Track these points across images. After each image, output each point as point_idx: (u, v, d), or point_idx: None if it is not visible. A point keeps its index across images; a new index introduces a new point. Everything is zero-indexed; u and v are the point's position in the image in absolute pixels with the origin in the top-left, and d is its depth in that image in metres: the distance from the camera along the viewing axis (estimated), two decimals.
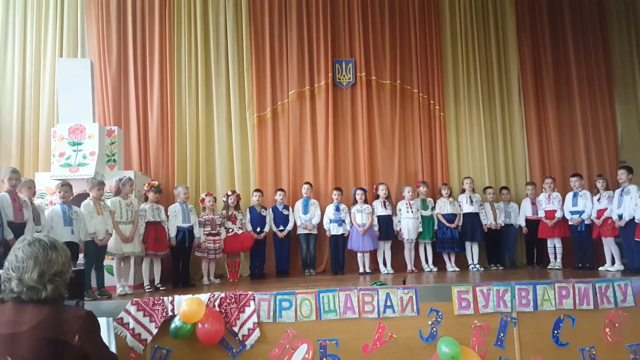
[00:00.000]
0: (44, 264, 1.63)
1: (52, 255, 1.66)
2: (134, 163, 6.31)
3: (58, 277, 1.66)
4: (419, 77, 6.83)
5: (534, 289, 4.04)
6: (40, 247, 1.66)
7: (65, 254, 1.73)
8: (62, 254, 1.71)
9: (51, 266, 1.65)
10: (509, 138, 6.96)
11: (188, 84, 6.53)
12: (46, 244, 1.68)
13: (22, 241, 1.69)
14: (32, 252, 1.64)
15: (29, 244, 1.67)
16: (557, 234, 5.89)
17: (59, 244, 1.73)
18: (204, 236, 5.40)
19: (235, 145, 6.54)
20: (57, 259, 1.68)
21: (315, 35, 6.78)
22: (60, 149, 5.34)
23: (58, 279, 1.66)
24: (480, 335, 3.93)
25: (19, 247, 1.67)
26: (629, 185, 5.18)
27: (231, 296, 3.90)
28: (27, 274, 1.61)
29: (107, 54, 6.43)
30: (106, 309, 3.80)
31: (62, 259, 1.70)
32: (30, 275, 1.61)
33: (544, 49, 7.12)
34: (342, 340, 3.86)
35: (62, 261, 1.70)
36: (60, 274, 1.68)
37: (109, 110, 6.35)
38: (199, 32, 6.59)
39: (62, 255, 1.71)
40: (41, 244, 1.67)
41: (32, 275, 1.61)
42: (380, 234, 5.91)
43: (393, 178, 6.62)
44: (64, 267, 1.70)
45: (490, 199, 6.34)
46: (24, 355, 1.52)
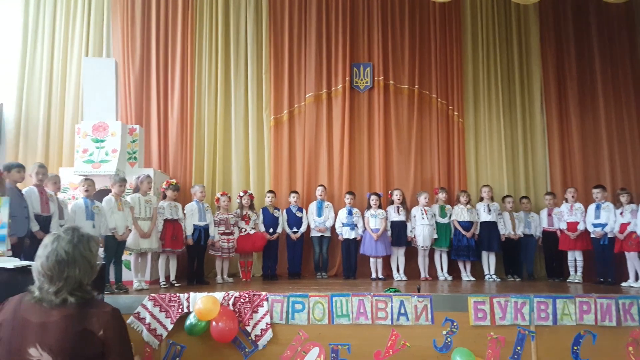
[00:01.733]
0: (60, 281, 1.62)
1: (69, 272, 1.62)
2: (154, 161, 6.42)
3: (77, 291, 1.64)
4: (438, 82, 6.77)
5: (554, 303, 3.93)
6: (56, 264, 1.62)
7: (85, 264, 1.67)
8: (82, 265, 1.65)
9: (68, 283, 1.62)
10: (529, 147, 6.83)
11: (208, 85, 6.63)
12: (63, 259, 1.62)
13: (45, 248, 1.66)
14: (48, 268, 1.62)
15: (47, 257, 1.63)
16: (579, 246, 5.75)
17: (80, 252, 1.66)
18: (218, 235, 5.44)
19: (251, 146, 6.59)
20: (74, 273, 1.63)
21: (334, 38, 6.80)
22: (83, 145, 5.47)
23: (77, 292, 1.64)
24: (497, 347, 3.84)
25: (40, 255, 1.65)
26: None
27: (245, 296, 3.91)
28: (45, 288, 1.63)
29: (131, 54, 6.57)
30: (124, 304, 3.82)
31: (81, 272, 1.65)
32: (47, 289, 1.62)
33: (568, 56, 6.97)
34: (354, 345, 3.82)
35: (82, 274, 1.65)
36: (80, 286, 1.65)
37: (131, 109, 6.48)
38: (219, 34, 6.69)
39: (81, 267, 1.65)
40: (57, 259, 1.62)
41: (49, 290, 1.62)
42: (392, 240, 5.87)
43: (408, 184, 6.57)
44: (84, 278, 1.67)
45: (509, 208, 6.22)
46: (52, 345, 1.55)
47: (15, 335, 1.58)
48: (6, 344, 1.58)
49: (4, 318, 1.62)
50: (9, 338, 1.58)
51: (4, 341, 1.58)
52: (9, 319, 1.61)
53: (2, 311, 1.65)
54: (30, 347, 1.55)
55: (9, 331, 1.59)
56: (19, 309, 1.62)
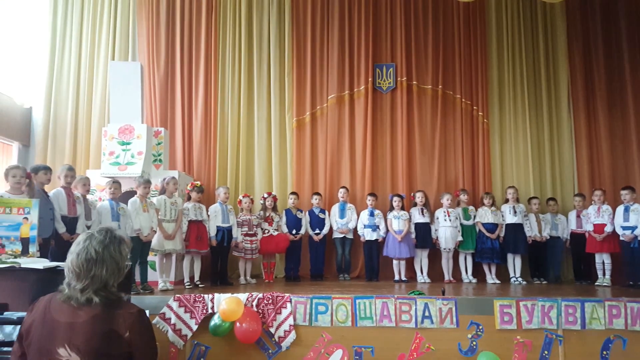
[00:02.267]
0: (86, 279, 1.65)
1: (95, 270, 1.65)
2: (178, 163, 6.51)
3: (102, 291, 1.66)
4: (462, 82, 6.69)
5: (582, 307, 3.84)
6: (84, 261, 1.65)
7: (113, 265, 1.70)
8: (109, 265, 1.68)
9: (94, 282, 1.65)
10: (556, 147, 6.69)
11: (231, 87, 6.70)
12: (92, 257, 1.66)
13: (77, 245, 1.70)
14: (77, 265, 1.66)
15: (78, 254, 1.67)
16: (607, 249, 5.60)
17: (110, 253, 1.69)
18: (241, 236, 5.48)
19: (274, 148, 6.63)
20: (101, 273, 1.66)
21: (357, 39, 6.78)
22: (110, 148, 5.59)
23: (102, 293, 1.66)
24: (523, 351, 3.78)
25: (72, 252, 1.69)
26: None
27: (269, 297, 3.93)
28: (72, 283, 1.66)
29: (156, 58, 6.69)
30: (149, 304, 3.88)
31: (108, 272, 1.68)
32: (74, 286, 1.66)
33: (596, 54, 6.79)
34: (378, 348, 3.81)
35: (108, 274, 1.68)
36: (104, 287, 1.68)
37: (156, 112, 6.59)
38: (242, 37, 6.75)
39: (109, 267, 1.68)
40: (87, 257, 1.66)
41: (76, 287, 1.65)
42: (417, 242, 5.83)
43: (432, 185, 6.50)
44: (111, 278, 1.69)
45: (536, 209, 6.10)
46: (80, 345, 1.58)
47: (45, 336, 1.61)
48: (36, 344, 1.62)
49: (34, 318, 1.66)
50: (39, 338, 1.62)
51: (34, 341, 1.62)
52: (38, 319, 1.64)
53: (33, 312, 1.69)
54: (60, 347, 1.58)
55: (39, 331, 1.62)
56: (48, 309, 1.65)
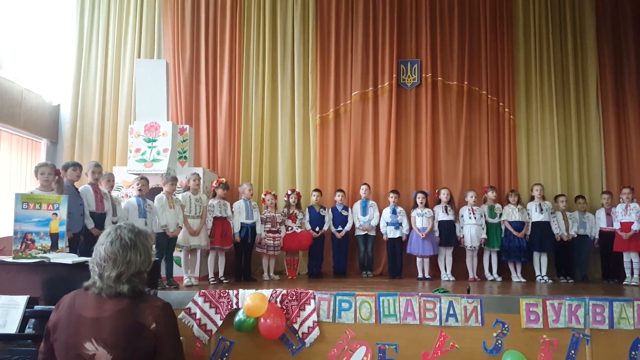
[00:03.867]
0: (122, 265, 1.67)
1: (131, 256, 1.69)
2: (203, 160, 6.58)
3: (136, 278, 1.70)
4: (488, 78, 6.59)
5: (610, 306, 3.78)
6: (120, 247, 1.69)
7: (145, 252, 1.75)
8: (142, 252, 1.73)
9: (129, 267, 1.68)
10: (584, 144, 6.55)
11: (255, 84, 6.73)
12: (127, 243, 1.70)
13: (107, 236, 1.73)
14: (112, 251, 1.68)
15: (111, 242, 1.70)
16: (633, 247, 5.48)
17: (140, 241, 1.74)
18: (264, 233, 5.53)
19: (297, 145, 6.65)
20: (136, 259, 1.70)
21: (381, 36, 6.73)
22: (136, 145, 5.68)
23: (136, 279, 1.70)
24: (549, 351, 3.73)
25: (103, 242, 1.72)
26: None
27: (292, 293, 3.95)
28: (106, 273, 1.67)
29: (181, 55, 6.76)
30: (175, 299, 3.95)
31: (142, 258, 1.72)
32: (109, 274, 1.67)
33: (626, 50, 6.62)
34: (402, 345, 3.80)
35: (142, 260, 1.72)
36: (138, 273, 1.72)
37: (182, 109, 6.67)
38: (267, 34, 6.77)
39: (142, 254, 1.73)
40: (122, 244, 1.70)
41: (111, 274, 1.67)
42: (441, 239, 5.79)
43: (457, 182, 6.44)
44: (143, 265, 1.73)
45: (563, 207, 5.98)
46: (106, 339, 1.61)
47: (72, 331, 1.64)
48: (63, 340, 1.65)
49: (59, 315, 1.69)
50: (66, 334, 1.65)
51: (61, 337, 1.66)
52: (64, 316, 1.68)
53: (58, 309, 1.72)
54: (86, 342, 1.61)
55: (65, 328, 1.66)
56: (73, 305, 1.68)
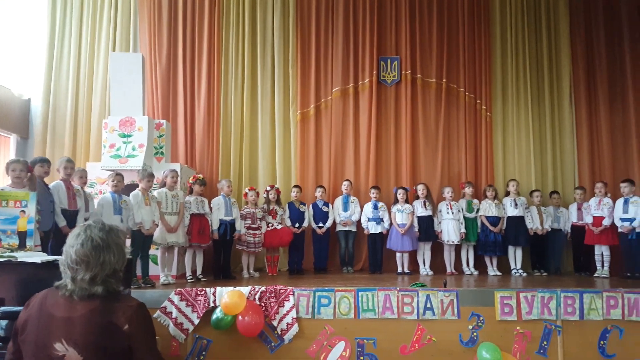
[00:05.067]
0: (96, 267, 1.62)
1: (104, 256, 1.63)
2: (180, 156, 6.49)
3: (111, 278, 1.66)
4: (466, 75, 6.67)
5: (581, 298, 3.91)
6: (92, 249, 1.62)
7: (119, 250, 1.69)
8: (116, 251, 1.67)
9: (104, 269, 1.63)
10: (558, 140, 6.70)
11: (234, 79, 6.65)
12: (98, 243, 1.64)
13: (77, 237, 1.65)
14: (84, 254, 1.62)
15: (82, 244, 1.63)
16: (604, 241, 5.66)
17: (113, 239, 1.68)
18: (245, 229, 5.48)
19: (277, 140, 6.60)
20: (110, 259, 1.65)
21: (361, 32, 6.73)
22: (110, 140, 5.53)
23: (111, 279, 1.65)
24: (523, 342, 3.84)
25: (73, 244, 1.65)
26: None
27: (271, 290, 3.93)
28: (79, 276, 1.61)
29: (158, 49, 6.62)
30: (150, 298, 3.89)
31: (116, 257, 1.67)
32: (82, 277, 1.61)
33: (598, 48, 6.80)
34: (380, 340, 3.84)
35: (116, 259, 1.67)
36: (113, 273, 1.67)
37: (158, 104, 6.54)
38: (246, 29, 6.68)
39: (116, 253, 1.67)
40: (93, 245, 1.63)
41: (85, 277, 1.61)
42: (420, 234, 5.85)
43: (435, 178, 6.52)
44: (118, 264, 1.68)
45: (537, 202, 6.12)
46: (77, 339, 1.56)
47: (41, 331, 1.59)
48: (32, 340, 1.60)
49: (29, 314, 1.64)
50: (35, 333, 1.60)
51: (31, 337, 1.60)
52: (34, 315, 1.62)
53: (28, 308, 1.67)
54: (56, 342, 1.56)
55: (35, 327, 1.60)
56: (44, 304, 1.63)
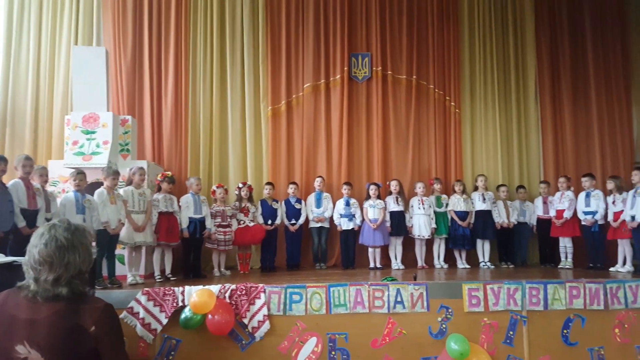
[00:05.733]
0: (60, 267, 1.57)
1: (69, 257, 1.59)
2: (147, 153, 6.33)
3: (76, 279, 1.61)
4: (435, 73, 6.78)
5: (545, 288, 4.00)
6: (56, 249, 1.58)
7: (84, 251, 1.65)
8: (81, 251, 1.63)
9: (68, 269, 1.58)
10: (524, 136, 6.91)
11: (203, 74, 6.53)
12: (63, 244, 1.59)
13: (41, 237, 1.61)
14: (47, 254, 1.57)
15: (46, 244, 1.58)
16: (567, 233, 5.86)
17: (78, 239, 1.64)
18: (215, 228, 5.40)
19: (248, 137, 6.53)
20: (75, 259, 1.60)
21: (332, 28, 6.73)
22: (73, 137, 5.35)
23: (76, 281, 1.61)
24: (490, 332, 3.90)
25: (36, 244, 1.60)
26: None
27: (242, 288, 3.88)
28: (42, 277, 1.56)
29: (123, 43, 6.43)
30: (117, 298, 3.79)
31: (81, 257, 1.62)
32: (46, 277, 1.56)
33: (562, 47, 7.04)
34: (352, 334, 3.85)
35: (81, 260, 1.62)
36: (79, 274, 1.62)
37: (123, 99, 6.36)
38: (215, 23, 6.57)
39: (81, 253, 1.63)
40: (57, 245, 1.58)
41: (48, 278, 1.56)
42: (392, 229, 5.91)
43: (406, 174, 6.60)
44: (84, 265, 1.64)
45: (504, 197, 6.29)
46: (40, 342, 1.51)
47: (2, 333, 1.53)
48: None
49: None
50: None
51: None
52: None
53: None
54: (18, 345, 1.51)
55: None
56: (5, 305, 1.57)
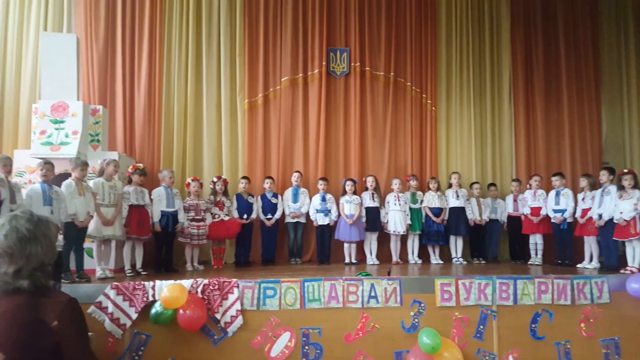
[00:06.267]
0: (21, 259, 1.53)
1: (31, 249, 1.54)
2: (119, 144, 6.17)
3: (38, 271, 1.56)
4: (413, 70, 6.82)
5: (515, 284, 4.09)
6: (17, 241, 1.53)
7: (47, 243, 1.60)
8: (44, 243, 1.58)
9: (30, 262, 1.54)
10: (497, 135, 7.03)
11: (178, 64, 6.39)
12: (24, 235, 1.55)
13: (1, 228, 1.56)
14: (8, 245, 1.52)
15: (6, 235, 1.53)
16: (541, 230, 6.00)
17: (41, 230, 1.59)
18: (188, 221, 5.32)
19: (224, 130, 6.43)
20: (37, 251, 1.55)
21: (311, 22, 6.68)
22: (41, 126, 5.19)
23: (38, 273, 1.56)
24: (461, 327, 3.96)
25: None
26: (610, 186, 5.25)
27: (215, 283, 3.84)
28: (2, 269, 1.51)
29: (95, 30, 6.24)
30: (84, 293, 3.71)
31: (44, 250, 1.58)
32: (5, 270, 1.51)
33: (536, 49, 7.18)
34: (325, 329, 3.86)
35: (44, 252, 1.58)
36: (41, 267, 1.57)
37: (94, 89, 6.18)
38: (190, 12, 6.43)
39: (44, 245, 1.58)
40: (19, 236, 1.54)
41: (8, 270, 1.51)
42: (367, 225, 5.93)
43: (383, 170, 6.63)
44: (46, 258, 1.59)
45: (477, 194, 6.41)
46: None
47: None
48: None
49: None
50: None
51: None
52: None
53: None
54: None
55: None
56: None
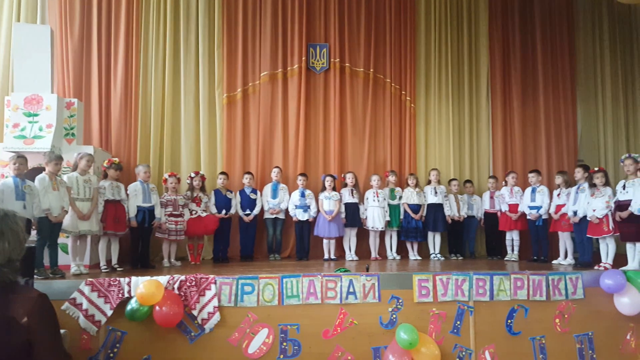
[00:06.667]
0: None
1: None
2: (94, 138, 6.06)
3: (5, 267, 1.53)
4: (392, 67, 6.84)
5: (491, 280, 4.15)
6: None
7: (14, 238, 1.57)
8: (11, 238, 1.55)
9: None
10: (475, 132, 7.11)
11: (155, 58, 6.29)
12: None
13: None
14: None
15: None
16: (518, 227, 6.08)
17: (8, 225, 1.56)
18: (165, 217, 5.25)
19: (202, 124, 6.36)
20: (4, 246, 1.53)
21: (290, 16, 6.64)
22: (14, 119, 5.05)
23: (5, 269, 1.53)
24: (438, 322, 4.01)
25: None
26: (584, 183, 5.35)
27: (192, 279, 3.81)
28: None
29: (70, 22, 6.10)
30: (58, 289, 3.66)
31: (11, 245, 1.55)
32: None
33: (513, 48, 7.29)
34: (304, 325, 3.86)
35: (11, 247, 1.55)
36: (8, 262, 1.54)
37: (69, 81, 6.05)
38: (168, 4, 6.34)
39: (11, 240, 1.55)
40: None
41: None
42: (346, 221, 5.95)
43: (362, 166, 6.65)
44: (14, 253, 1.56)
45: (455, 190, 6.48)
46: None
47: None
48: None
49: None
50: None
51: None
52: None
53: None
54: None
55: None
56: None
